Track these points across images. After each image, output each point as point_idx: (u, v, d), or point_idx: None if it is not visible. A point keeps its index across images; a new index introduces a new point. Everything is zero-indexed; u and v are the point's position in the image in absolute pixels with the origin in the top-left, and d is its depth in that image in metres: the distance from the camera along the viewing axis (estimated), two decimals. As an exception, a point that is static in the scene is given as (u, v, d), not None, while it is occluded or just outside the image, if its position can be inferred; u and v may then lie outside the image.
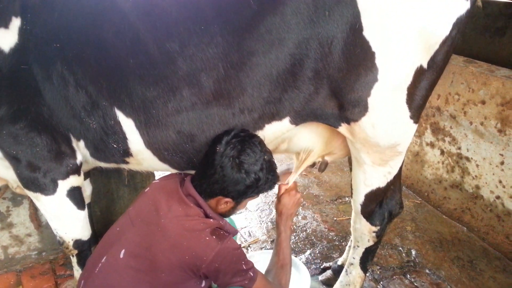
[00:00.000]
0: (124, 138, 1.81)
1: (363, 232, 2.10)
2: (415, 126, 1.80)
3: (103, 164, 2.02)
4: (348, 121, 1.74)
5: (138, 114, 1.73)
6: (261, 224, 3.15)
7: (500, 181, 2.86)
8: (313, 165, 2.13)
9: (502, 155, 2.82)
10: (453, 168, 3.23)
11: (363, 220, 2.05)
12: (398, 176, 1.99)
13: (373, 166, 1.87)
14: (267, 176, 1.65)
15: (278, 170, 1.79)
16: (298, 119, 1.78)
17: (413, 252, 2.88)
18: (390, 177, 1.92)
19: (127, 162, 1.96)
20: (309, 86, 1.66)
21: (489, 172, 2.93)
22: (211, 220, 1.62)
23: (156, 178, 2.90)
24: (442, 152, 3.31)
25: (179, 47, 1.61)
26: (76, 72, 1.69)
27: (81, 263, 2.22)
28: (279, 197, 1.95)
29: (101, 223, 2.80)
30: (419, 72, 1.63)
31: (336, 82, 1.64)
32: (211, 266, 1.53)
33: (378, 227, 2.06)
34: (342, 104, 1.70)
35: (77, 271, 2.27)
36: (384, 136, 1.75)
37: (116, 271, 1.58)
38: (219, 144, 1.61)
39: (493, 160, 2.89)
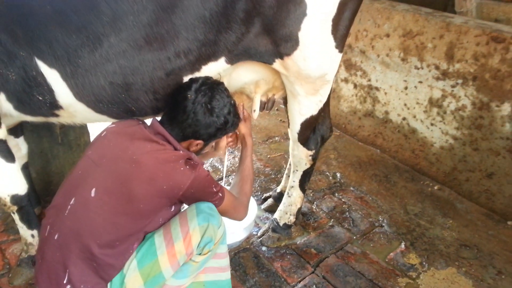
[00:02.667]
0: (50, 90, 1.75)
1: (301, 157, 2.34)
2: (340, 55, 2.02)
3: (30, 118, 1.95)
4: (281, 56, 1.89)
5: (62, 65, 1.68)
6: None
7: (405, 104, 3.30)
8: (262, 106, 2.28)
9: (405, 81, 3.24)
10: (365, 99, 3.62)
11: (300, 147, 2.29)
12: (327, 103, 2.23)
13: (306, 96, 2.07)
14: (233, 119, 1.83)
15: None
16: (233, 59, 1.87)
17: (338, 175, 3.26)
18: (321, 105, 2.15)
19: (57, 115, 1.91)
20: (241, 26, 1.75)
21: (396, 97, 3.35)
22: (181, 152, 1.73)
23: (88, 130, 2.90)
24: (355, 86, 3.67)
25: None
26: None
27: (25, 219, 2.19)
28: (243, 121, 2.13)
29: (38, 185, 2.72)
30: (343, 3, 1.82)
31: (268, 20, 1.76)
32: (188, 192, 1.68)
33: (314, 151, 2.32)
34: (275, 40, 1.84)
35: (21, 228, 2.23)
36: (315, 67, 1.93)
37: (89, 210, 1.63)
38: (189, 91, 1.72)
39: (398, 86, 3.30)
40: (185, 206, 1.86)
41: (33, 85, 1.72)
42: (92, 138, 2.89)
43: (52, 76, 1.70)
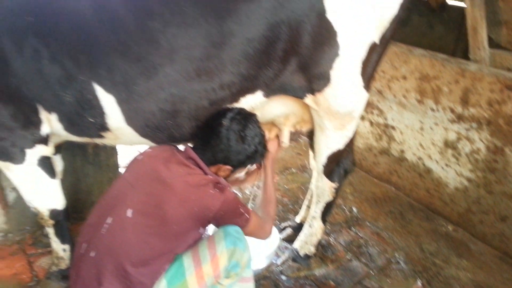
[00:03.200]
0: (102, 113, 1.88)
1: (324, 189, 2.44)
2: (367, 94, 2.15)
3: (75, 138, 2.08)
4: (313, 92, 2.03)
5: (119, 90, 1.81)
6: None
7: (421, 144, 3.41)
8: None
9: (421, 122, 3.37)
10: (381, 136, 3.75)
11: (325, 179, 2.39)
12: (352, 138, 2.36)
13: (334, 130, 2.19)
14: (262, 149, 1.97)
15: None
16: (269, 93, 2.02)
17: (354, 209, 3.34)
18: (347, 140, 2.27)
19: (103, 137, 2.04)
20: (279, 64, 1.89)
21: (411, 137, 3.47)
22: (210, 176, 1.84)
23: (118, 152, 3.02)
24: (371, 123, 3.81)
25: (162, 26, 1.72)
26: (51, 45, 1.73)
27: (59, 233, 2.28)
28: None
29: (67, 202, 2.81)
30: (372, 47, 1.97)
31: (303, 59, 1.90)
32: (217, 214, 1.78)
33: (337, 183, 2.42)
34: (308, 77, 1.98)
35: (55, 242, 2.31)
36: (343, 103, 2.07)
37: (125, 229, 1.72)
38: (224, 118, 1.86)
39: (414, 127, 3.43)
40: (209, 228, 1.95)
41: (87, 107, 1.85)
42: (120, 160, 3.04)
43: (108, 100, 1.83)
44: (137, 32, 1.72)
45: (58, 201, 2.19)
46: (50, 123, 1.94)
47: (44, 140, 1.97)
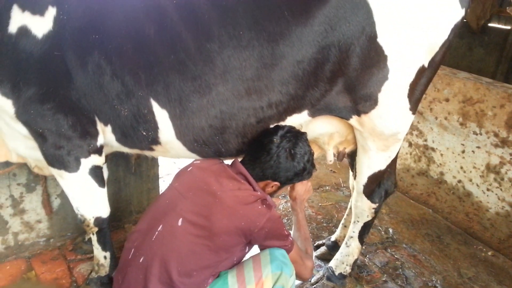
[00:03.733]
0: (155, 128, 1.97)
1: (363, 209, 2.44)
2: (413, 117, 2.15)
3: (126, 150, 2.18)
4: (359, 113, 2.05)
5: (173, 106, 1.90)
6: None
7: (462, 167, 3.35)
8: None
9: (463, 144, 3.31)
10: (420, 158, 3.70)
11: (365, 199, 2.39)
12: (394, 160, 2.35)
13: (377, 151, 2.20)
14: (310, 167, 1.99)
15: None
16: (315, 112, 2.06)
17: (390, 230, 3.30)
18: (389, 161, 2.27)
19: (153, 150, 2.13)
20: (326, 85, 1.94)
21: (452, 160, 3.42)
22: (259, 193, 1.88)
23: (159, 163, 3.10)
24: (410, 144, 3.77)
25: (219, 47, 1.81)
26: (115, 62, 1.84)
27: (101, 240, 2.36)
28: (291, 185, 2.23)
29: (109, 210, 2.91)
30: (421, 71, 1.97)
31: (351, 80, 1.94)
32: (262, 230, 1.80)
33: (377, 204, 2.41)
34: (355, 98, 2.00)
35: (97, 249, 2.38)
36: (389, 125, 2.08)
37: (176, 237, 1.78)
38: (275, 135, 1.90)
39: (455, 149, 3.38)
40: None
41: (141, 121, 1.94)
42: (161, 171, 3.12)
43: (162, 115, 1.92)
44: (195, 53, 1.81)
45: (104, 209, 2.27)
46: (104, 134, 2.04)
47: (99, 150, 2.07)
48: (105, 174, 2.64)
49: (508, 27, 6.58)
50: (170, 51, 1.82)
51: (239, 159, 2.03)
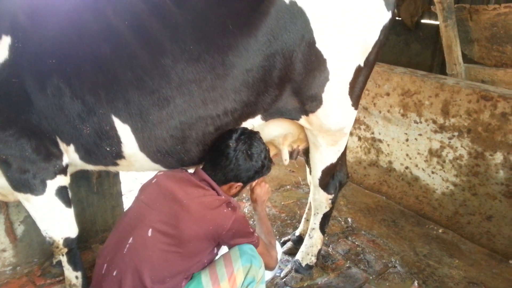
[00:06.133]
0: (119, 142, 2.04)
1: (321, 201, 2.61)
2: (355, 112, 2.35)
3: (91, 167, 2.23)
4: (307, 113, 2.21)
5: (135, 120, 1.98)
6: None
7: (407, 154, 3.62)
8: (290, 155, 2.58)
9: (406, 134, 3.59)
10: (369, 150, 3.95)
11: (321, 191, 2.56)
12: (344, 153, 2.54)
13: (327, 147, 2.38)
14: (268, 163, 2.13)
15: None
16: (267, 116, 2.20)
17: (349, 220, 3.50)
18: (339, 154, 2.45)
19: (117, 164, 2.19)
20: (275, 90, 2.08)
21: (398, 149, 3.68)
22: (223, 197, 1.99)
23: (120, 180, 3.13)
24: (359, 138, 4.02)
25: (172, 62, 1.91)
26: (74, 84, 1.90)
27: (72, 261, 2.37)
28: (252, 189, 2.37)
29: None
30: (358, 70, 2.17)
31: (297, 84, 2.09)
32: (230, 231, 1.91)
33: (333, 195, 2.59)
34: (302, 100, 2.15)
35: (67, 270, 2.39)
36: (335, 121, 2.25)
37: (147, 248, 1.85)
38: (230, 140, 2.01)
39: (400, 139, 3.65)
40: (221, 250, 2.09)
41: (104, 137, 2.00)
42: (123, 188, 3.16)
43: (124, 130, 1.99)
44: (151, 68, 1.90)
45: (72, 229, 2.30)
46: (68, 154, 2.09)
47: (64, 171, 2.11)
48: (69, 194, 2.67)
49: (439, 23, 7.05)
50: (127, 68, 1.90)
51: (201, 167, 2.13)
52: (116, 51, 1.91)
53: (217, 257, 2.06)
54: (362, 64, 2.18)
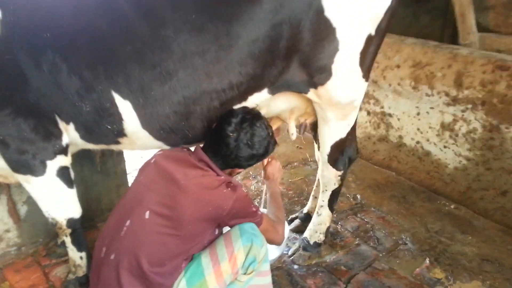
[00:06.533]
0: (120, 120, 1.96)
1: (330, 178, 2.52)
2: (366, 84, 2.23)
3: (92, 146, 2.17)
4: (315, 86, 2.10)
5: (135, 96, 1.89)
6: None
7: (418, 129, 3.51)
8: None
9: (417, 107, 3.47)
10: (379, 124, 3.84)
11: (330, 167, 2.47)
12: (354, 127, 2.43)
13: (336, 121, 2.27)
14: (271, 147, 2.03)
15: None
16: (274, 90, 2.10)
17: (358, 196, 3.43)
18: (349, 129, 2.35)
19: (119, 143, 2.12)
20: (283, 61, 1.98)
21: (409, 123, 3.57)
22: (222, 177, 1.91)
23: (125, 158, 3.08)
24: (369, 113, 3.90)
25: (174, 33, 1.81)
26: (70, 59, 1.81)
27: (76, 241, 2.34)
28: (264, 168, 2.35)
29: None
30: (369, 39, 2.04)
31: (305, 55, 1.98)
32: (231, 212, 1.84)
33: (342, 171, 2.50)
34: (310, 72, 2.05)
35: (72, 251, 2.36)
36: (344, 94, 2.15)
37: (144, 230, 1.79)
38: (229, 127, 1.90)
39: (411, 112, 3.53)
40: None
41: (104, 115, 1.93)
42: (127, 166, 3.10)
43: (125, 107, 1.91)
44: (151, 40, 1.81)
45: (75, 210, 2.26)
46: (68, 133, 2.01)
47: (64, 151, 2.04)
48: (72, 175, 2.61)
49: (450, -8, 6.79)
50: (125, 41, 1.81)
51: (201, 145, 2.04)
52: (114, 23, 1.81)
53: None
54: (373, 33, 2.05)
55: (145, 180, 1.94)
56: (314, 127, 2.48)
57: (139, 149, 2.27)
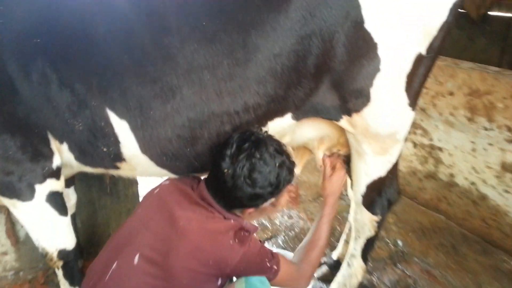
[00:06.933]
0: (116, 142, 1.70)
1: (364, 223, 2.13)
2: (413, 113, 1.86)
3: (89, 169, 1.91)
4: (349, 113, 1.77)
5: (133, 115, 1.64)
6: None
7: (473, 168, 3.03)
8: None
9: (473, 142, 3.00)
10: (427, 159, 3.38)
11: (364, 210, 2.09)
12: (396, 164, 2.04)
13: (374, 156, 1.91)
14: (284, 179, 1.61)
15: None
16: (300, 115, 1.78)
17: (399, 242, 2.98)
18: (389, 166, 1.97)
19: (118, 168, 1.86)
20: (311, 82, 1.67)
21: (462, 159, 3.10)
22: (231, 221, 1.58)
23: (139, 183, 2.84)
24: (415, 145, 3.46)
25: (179, 42, 1.55)
26: (61, 69, 1.59)
27: (68, 275, 2.08)
28: (329, 177, 1.98)
29: (82, 236, 2.64)
30: (418, 59, 1.69)
31: (338, 75, 1.66)
32: (237, 268, 1.51)
33: (380, 217, 2.10)
34: (344, 96, 1.72)
35: (63, 285, 2.11)
36: (385, 125, 1.80)
37: (130, 278, 1.49)
38: (223, 161, 1.54)
39: (465, 148, 3.06)
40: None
41: (99, 135, 1.68)
42: (140, 189, 2.85)
43: (121, 127, 1.65)
44: (152, 50, 1.55)
45: (68, 240, 1.99)
46: (61, 154, 1.78)
47: (55, 174, 1.79)
48: (73, 198, 2.38)
49: (511, 15, 6.28)
50: (123, 50, 1.56)
51: (205, 178, 1.73)
52: (110, 28, 1.58)
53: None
54: (423, 52, 1.69)
55: (143, 215, 1.66)
56: (348, 160, 2.10)
57: (142, 176, 1.99)
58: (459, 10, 1.70)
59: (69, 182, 2.28)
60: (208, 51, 1.55)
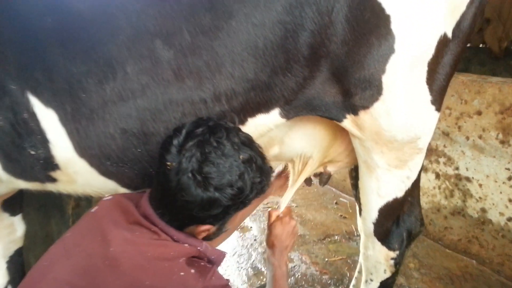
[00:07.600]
0: (44, 140, 1.28)
1: (377, 261, 1.65)
2: (437, 115, 1.44)
3: (22, 183, 1.44)
4: (355, 110, 1.35)
5: (62, 102, 1.23)
6: (239, 271, 2.63)
7: (510, 200, 2.55)
8: (309, 180, 1.74)
9: (508, 169, 2.53)
10: (452, 192, 2.90)
11: (378, 244, 1.62)
12: (417, 183, 1.60)
13: (389, 169, 1.47)
14: (253, 181, 1.13)
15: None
16: (291, 111, 1.37)
17: (423, 291, 2.45)
18: (408, 184, 1.52)
19: (54, 179, 1.40)
20: (304, 67, 1.28)
21: (495, 191, 2.62)
22: (185, 245, 1.12)
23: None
24: (438, 176, 2.99)
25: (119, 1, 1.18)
26: None
27: None
28: (269, 226, 1.55)
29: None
30: (443, 43, 1.30)
31: (340, 60, 1.27)
32: None
33: (397, 252, 1.63)
34: (348, 88, 1.32)
35: None
36: (403, 126, 1.37)
37: None
38: (167, 153, 1.10)
39: (499, 176, 2.59)
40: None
41: (23, 132, 1.26)
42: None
43: (48, 119, 1.24)
44: (82, 9, 1.18)
45: None
46: None
47: None
48: (20, 229, 1.92)
49: (534, 49, 5.97)
50: (45, 12, 1.19)
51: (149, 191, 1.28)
52: None
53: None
54: (449, 34, 1.31)
55: (71, 239, 1.21)
56: (355, 177, 1.66)
57: (87, 192, 1.54)
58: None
59: (15, 209, 1.85)
60: (160, 12, 1.17)
